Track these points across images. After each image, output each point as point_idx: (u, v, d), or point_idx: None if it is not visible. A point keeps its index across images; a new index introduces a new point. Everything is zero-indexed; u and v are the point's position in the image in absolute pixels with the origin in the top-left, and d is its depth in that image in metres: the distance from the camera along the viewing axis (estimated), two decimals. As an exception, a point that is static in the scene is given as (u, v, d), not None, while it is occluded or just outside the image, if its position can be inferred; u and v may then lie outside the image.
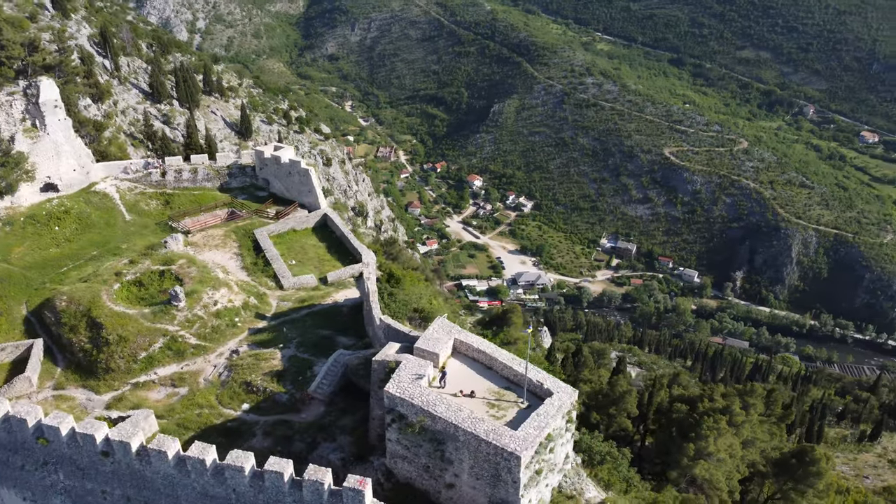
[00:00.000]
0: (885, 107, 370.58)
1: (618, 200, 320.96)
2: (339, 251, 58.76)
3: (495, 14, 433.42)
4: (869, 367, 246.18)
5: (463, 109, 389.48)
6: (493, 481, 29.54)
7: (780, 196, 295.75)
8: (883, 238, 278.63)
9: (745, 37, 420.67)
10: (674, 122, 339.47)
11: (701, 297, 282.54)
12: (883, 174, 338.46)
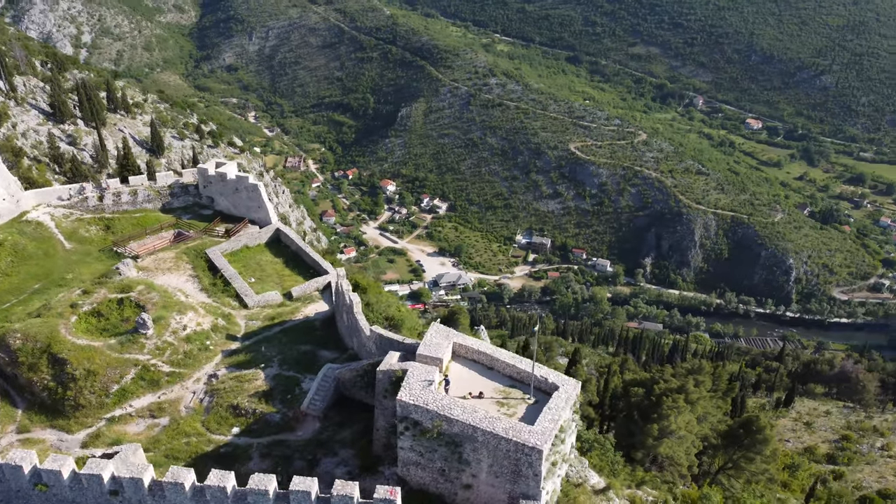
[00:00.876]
0: (765, 95, 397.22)
1: (529, 197, 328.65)
2: (298, 265, 58.08)
3: (395, 19, 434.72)
4: (771, 338, 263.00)
5: (370, 115, 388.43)
6: (514, 477, 30.43)
7: (679, 184, 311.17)
8: (774, 217, 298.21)
9: (635, 34, 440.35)
10: (576, 118, 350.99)
11: (615, 285, 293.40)
12: (769, 158, 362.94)
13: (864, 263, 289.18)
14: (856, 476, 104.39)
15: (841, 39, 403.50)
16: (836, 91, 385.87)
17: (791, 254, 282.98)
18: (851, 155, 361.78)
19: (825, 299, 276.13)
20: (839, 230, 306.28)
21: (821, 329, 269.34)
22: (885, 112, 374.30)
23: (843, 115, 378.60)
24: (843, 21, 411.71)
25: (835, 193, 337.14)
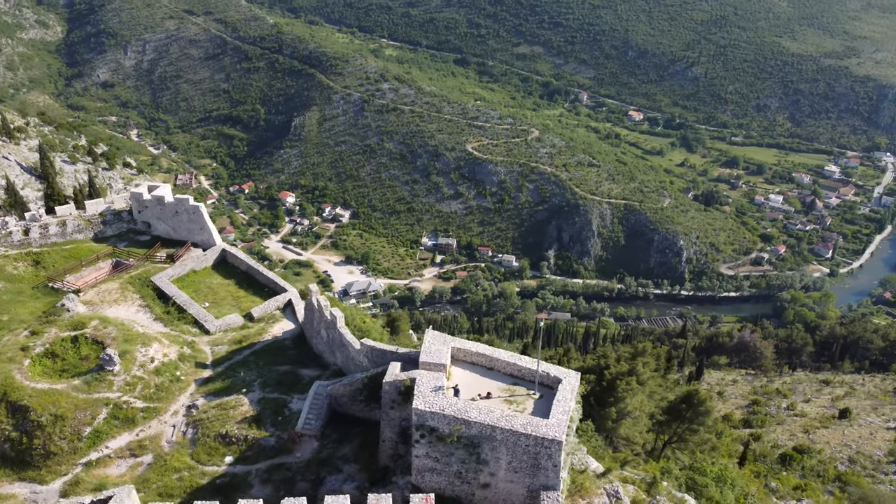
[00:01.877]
0: (643, 88, 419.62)
1: (432, 199, 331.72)
2: (251, 285, 56.76)
3: (280, 27, 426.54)
4: (670, 316, 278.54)
5: (262, 126, 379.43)
6: (533, 471, 31.56)
7: (574, 177, 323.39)
8: (662, 203, 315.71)
9: (518, 34, 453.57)
10: (471, 118, 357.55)
11: (522, 279, 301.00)
12: (652, 147, 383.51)
13: (745, 240, 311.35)
14: (771, 436, 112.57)
15: (706, 33, 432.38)
16: (705, 81, 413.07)
17: (681, 236, 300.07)
18: (724, 140, 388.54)
19: (714, 276, 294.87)
20: (721, 210, 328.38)
21: (713, 304, 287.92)
22: (749, 99, 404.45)
23: (714, 104, 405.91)
24: (706, 16, 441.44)
25: (713, 177, 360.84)
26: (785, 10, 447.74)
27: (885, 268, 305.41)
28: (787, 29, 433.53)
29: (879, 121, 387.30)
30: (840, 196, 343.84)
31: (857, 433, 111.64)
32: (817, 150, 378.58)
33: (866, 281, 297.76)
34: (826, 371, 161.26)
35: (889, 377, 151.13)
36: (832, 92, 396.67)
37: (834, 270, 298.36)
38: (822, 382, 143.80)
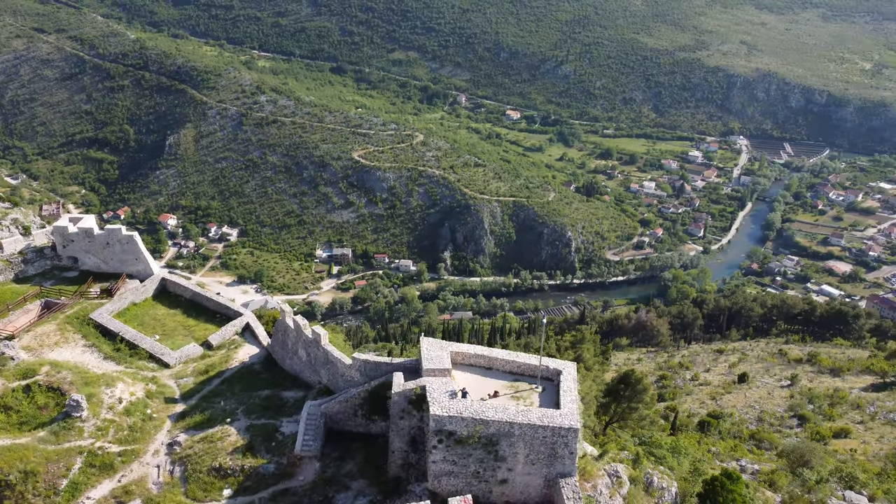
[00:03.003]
0: (518, 87, 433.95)
1: (322, 210, 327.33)
2: (200, 313, 54.54)
3: (143, 43, 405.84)
4: (566, 305, 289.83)
5: (133, 148, 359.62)
6: (550, 461, 32.86)
7: (462, 178, 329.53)
8: (548, 197, 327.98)
9: (392, 40, 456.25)
10: (354, 126, 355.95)
11: (421, 283, 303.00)
12: (531, 144, 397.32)
13: (626, 226, 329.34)
14: (684, 407, 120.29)
15: (571, 32, 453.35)
16: (575, 78, 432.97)
17: (568, 227, 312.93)
18: (597, 133, 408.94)
19: (602, 263, 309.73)
20: (601, 200, 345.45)
21: (603, 289, 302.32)
22: (616, 93, 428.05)
23: (585, 99, 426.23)
24: (570, 16, 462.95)
25: (591, 169, 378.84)
26: (640, 8, 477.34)
27: (749, 241, 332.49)
28: (644, 26, 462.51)
29: (731, 107, 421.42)
30: (705, 179, 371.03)
31: (756, 394, 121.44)
32: (680, 137, 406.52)
33: (735, 255, 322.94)
34: (717, 341, 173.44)
35: (772, 341, 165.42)
36: (688, 83, 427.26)
37: (707, 248, 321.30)
38: (717, 352, 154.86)
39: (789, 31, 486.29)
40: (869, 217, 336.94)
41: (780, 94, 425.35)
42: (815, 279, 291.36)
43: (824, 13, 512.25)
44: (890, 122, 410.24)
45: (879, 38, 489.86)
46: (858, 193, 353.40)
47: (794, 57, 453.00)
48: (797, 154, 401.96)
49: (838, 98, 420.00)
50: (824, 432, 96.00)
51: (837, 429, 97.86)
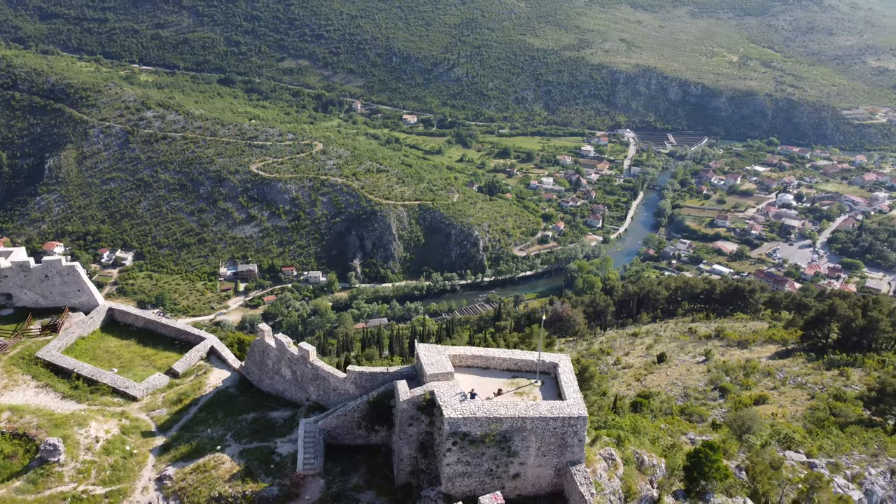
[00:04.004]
0: (413, 91, 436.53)
1: (223, 226, 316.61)
2: (156, 341, 51.79)
3: (9, 60, 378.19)
4: (479, 304, 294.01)
5: (7, 173, 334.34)
6: (560, 450, 33.73)
7: (365, 184, 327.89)
8: (452, 198, 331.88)
9: (281, 49, 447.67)
10: (250, 139, 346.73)
11: (333, 293, 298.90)
12: (431, 147, 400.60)
13: (530, 222, 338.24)
14: (613, 391, 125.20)
15: (460, 35, 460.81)
16: (468, 80, 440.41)
17: (475, 227, 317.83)
18: (494, 133, 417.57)
19: (510, 259, 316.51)
20: (504, 198, 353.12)
21: (513, 285, 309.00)
22: (508, 93, 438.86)
23: (479, 101, 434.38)
24: (458, 20, 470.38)
25: (491, 168, 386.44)
26: (524, 10, 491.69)
27: (644, 228, 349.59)
28: (529, 27, 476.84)
29: (617, 102, 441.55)
30: (598, 171, 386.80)
31: (677, 372, 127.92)
32: (572, 133, 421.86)
33: (632, 242, 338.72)
34: (630, 325, 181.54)
35: (680, 320, 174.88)
36: (576, 80, 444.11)
37: (606, 238, 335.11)
38: (632, 336, 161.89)
39: (663, 28, 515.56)
40: (748, 198, 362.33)
41: (659, 88, 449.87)
42: (706, 259, 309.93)
43: (692, 10, 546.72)
44: (758, 110, 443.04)
45: (742, 33, 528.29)
46: (737, 177, 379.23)
47: (670, 52, 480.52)
48: (679, 143, 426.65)
49: (712, 89, 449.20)
50: (745, 401, 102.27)
51: (756, 396, 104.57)
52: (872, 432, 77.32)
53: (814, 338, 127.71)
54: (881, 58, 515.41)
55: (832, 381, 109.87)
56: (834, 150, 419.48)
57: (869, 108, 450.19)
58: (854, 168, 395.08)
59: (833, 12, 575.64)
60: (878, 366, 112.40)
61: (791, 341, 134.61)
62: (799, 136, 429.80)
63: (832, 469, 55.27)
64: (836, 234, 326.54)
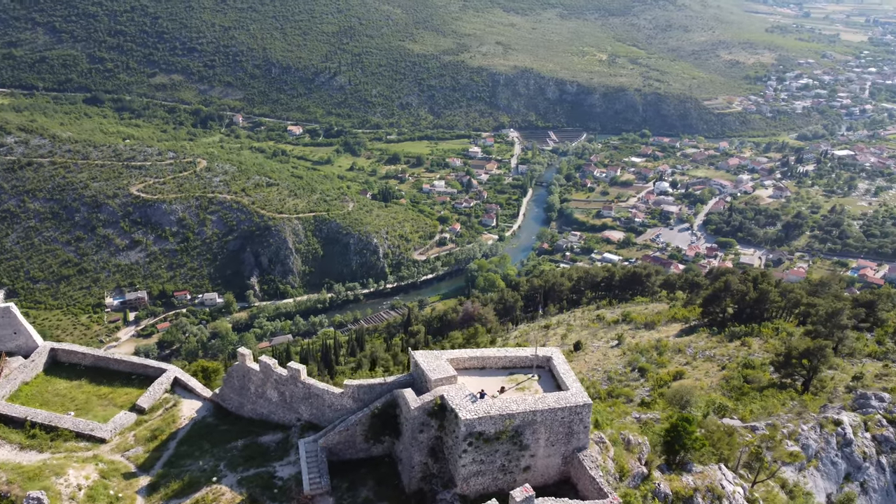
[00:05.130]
0: (296, 102, 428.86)
1: (105, 254, 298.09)
2: (110, 378, 48.42)
3: None
4: (384, 311, 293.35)
5: None
6: (567, 438, 34.80)
7: (256, 199, 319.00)
8: (347, 207, 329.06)
9: (151, 64, 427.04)
10: (126, 160, 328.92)
11: (232, 314, 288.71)
12: (319, 157, 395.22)
13: (427, 225, 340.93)
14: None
15: (339, 43, 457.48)
16: (351, 88, 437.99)
17: (373, 234, 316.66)
18: (381, 140, 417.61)
19: (410, 264, 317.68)
20: (398, 204, 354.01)
21: (416, 289, 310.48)
22: (393, 99, 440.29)
23: (364, 108, 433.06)
24: (336, 28, 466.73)
25: (382, 175, 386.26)
26: (401, 16, 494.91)
27: (536, 223, 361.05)
28: (408, 33, 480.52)
29: (499, 103, 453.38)
30: (487, 172, 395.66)
31: (595, 358, 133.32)
32: (459, 135, 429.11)
33: (527, 238, 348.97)
34: (540, 318, 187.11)
35: (586, 309, 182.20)
36: (458, 84, 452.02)
37: (501, 235, 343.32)
38: (545, 328, 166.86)
39: (535, 30, 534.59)
40: (629, 188, 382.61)
41: (538, 88, 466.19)
42: (597, 249, 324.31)
43: (561, 12, 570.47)
44: (629, 105, 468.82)
45: (608, 32, 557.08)
46: (617, 169, 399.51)
47: (544, 53, 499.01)
48: (561, 140, 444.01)
49: (586, 87, 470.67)
50: (665, 378, 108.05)
51: (674, 372, 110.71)
52: (786, 393, 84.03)
53: (713, 313, 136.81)
54: (732, 51, 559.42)
55: (736, 352, 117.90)
56: (700, 139, 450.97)
57: (726, 97, 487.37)
58: (719, 154, 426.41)
59: (687, 10, 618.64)
60: (773, 333, 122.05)
61: (693, 318, 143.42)
62: (668, 128, 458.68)
63: (771, 430, 59.94)
64: (710, 216, 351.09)
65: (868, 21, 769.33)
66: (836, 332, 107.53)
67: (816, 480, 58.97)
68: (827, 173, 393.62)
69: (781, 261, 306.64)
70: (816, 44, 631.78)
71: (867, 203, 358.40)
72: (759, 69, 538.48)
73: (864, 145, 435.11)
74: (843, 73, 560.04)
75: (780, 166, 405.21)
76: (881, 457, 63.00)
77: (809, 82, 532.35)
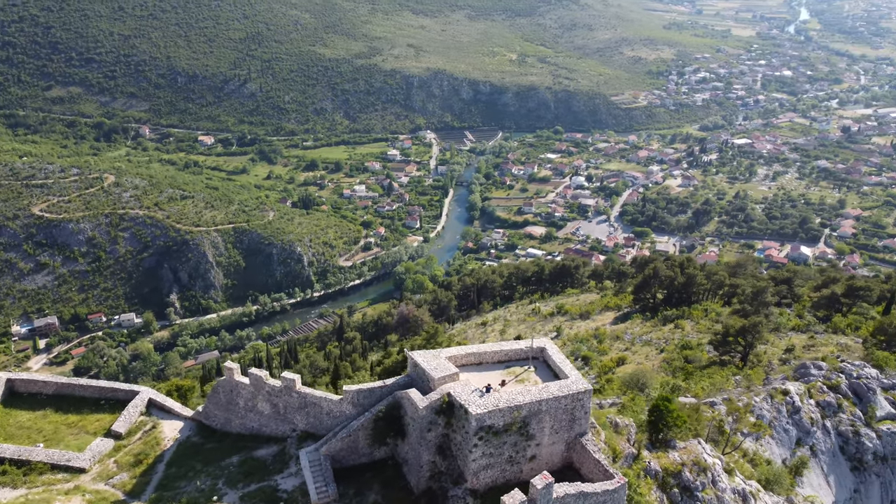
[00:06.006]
0: (205, 111, 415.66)
1: (8, 280, 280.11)
2: (76, 405, 45.54)
3: None
4: (313, 320, 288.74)
5: None
6: (570, 425, 35.44)
7: (171, 213, 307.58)
8: (268, 217, 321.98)
9: (46, 76, 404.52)
10: (25, 178, 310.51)
11: (152, 334, 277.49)
12: (234, 167, 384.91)
13: (350, 230, 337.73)
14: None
15: (248, 50, 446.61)
16: (262, 95, 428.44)
17: (296, 243, 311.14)
18: (298, 146, 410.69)
19: (336, 271, 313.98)
20: (320, 211, 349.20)
21: (344, 296, 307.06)
22: (307, 105, 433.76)
23: (277, 115, 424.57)
24: (242, 34, 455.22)
25: (301, 182, 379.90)
26: (310, 21, 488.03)
27: (459, 223, 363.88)
28: (318, 38, 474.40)
29: (414, 105, 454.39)
30: (407, 174, 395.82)
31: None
32: (376, 139, 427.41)
33: (451, 238, 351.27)
34: (475, 316, 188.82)
35: (519, 304, 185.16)
36: (372, 87, 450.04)
37: (426, 237, 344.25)
38: (482, 325, 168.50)
39: (445, 31, 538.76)
40: (547, 184, 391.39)
41: (452, 89, 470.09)
42: (521, 245, 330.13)
43: (469, 14, 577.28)
44: (542, 103, 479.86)
45: (516, 32, 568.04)
46: (534, 166, 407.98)
47: (456, 54, 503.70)
48: (478, 139, 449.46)
49: (499, 87, 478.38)
50: (610, 364, 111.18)
51: (617, 358, 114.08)
52: (728, 370, 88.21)
53: (644, 300, 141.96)
54: (634, 48, 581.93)
55: (671, 335, 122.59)
56: (610, 133, 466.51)
57: (632, 93, 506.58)
58: (629, 147, 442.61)
59: (590, 10, 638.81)
60: (703, 314, 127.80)
61: (625, 306, 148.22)
62: (579, 123, 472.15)
63: (728, 404, 62.97)
64: (625, 207, 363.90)
65: (755, 17, 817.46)
66: (762, 309, 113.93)
67: (772, 448, 62.30)
68: (729, 161, 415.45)
69: (694, 246, 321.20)
70: (711, 39, 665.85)
71: (767, 188, 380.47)
72: (661, 64, 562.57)
73: (760, 134, 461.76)
74: (736, 66, 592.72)
75: (686, 157, 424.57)
76: (826, 421, 67.23)
77: (707, 76, 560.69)
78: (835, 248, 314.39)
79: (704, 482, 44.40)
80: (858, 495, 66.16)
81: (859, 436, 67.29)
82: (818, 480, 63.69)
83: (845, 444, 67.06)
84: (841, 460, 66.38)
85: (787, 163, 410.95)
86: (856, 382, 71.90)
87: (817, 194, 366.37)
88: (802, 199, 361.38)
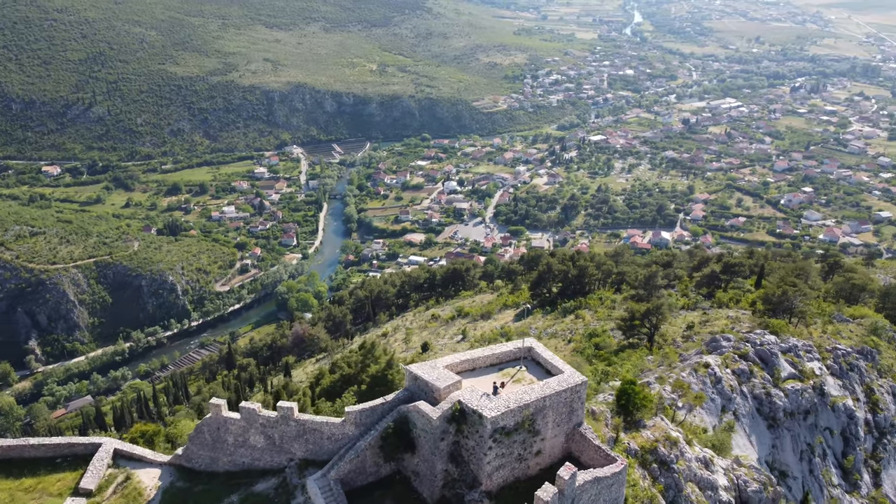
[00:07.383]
0: (47, 139, 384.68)
1: None
2: (28, 468, 41.41)
3: None
4: (194, 351, 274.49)
5: None
6: (569, 416, 36.49)
7: (21, 252, 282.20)
8: (132, 247, 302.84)
9: None
10: None
11: (11, 386, 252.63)
12: (87, 197, 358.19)
13: (224, 254, 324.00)
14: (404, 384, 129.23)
15: (90, 72, 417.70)
16: (111, 119, 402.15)
17: (167, 272, 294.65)
18: (156, 171, 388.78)
19: (214, 297, 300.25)
20: (189, 236, 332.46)
21: (224, 322, 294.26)
22: (162, 126, 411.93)
23: (130, 139, 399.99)
24: (83, 55, 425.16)
25: (164, 208, 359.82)
26: (157, 38, 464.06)
27: (337, 237, 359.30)
28: (167, 55, 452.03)
29: (277, 120, 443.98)
30: (278, 191, 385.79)
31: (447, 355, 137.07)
32: (241, 157, 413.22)
33: (331, 253, 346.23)
34: (372, 328, 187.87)
35: (416, 311, 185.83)
36: (231, 105, 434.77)
37: (305, 254, 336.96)
38: (382, 336, 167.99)
39: (301, 44, 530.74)
40: (420, 191, 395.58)
41: (315, 102, 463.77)
42: (402, 253, 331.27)
43: (325, 26, 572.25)
44: (406, 111, 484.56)
45: (374, 43, 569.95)
46: (406, 174, 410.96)
47: (315, 67, 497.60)
48: (346, 151, 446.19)
49: (362, 97, 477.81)
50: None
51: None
52: (641, 351, 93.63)
53: (541, 295, 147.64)
54: (489, 54, 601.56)
55: (574, 325, 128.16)
56: (475, 137, 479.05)
57: (492, 97, 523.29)
58: (494, 150, 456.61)
59: (443, 18, 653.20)
60: (599, 303, 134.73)
61: (522, 302, 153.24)
62: (445, 129, 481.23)
63: (660, 381, 67.18)
64: (499, 207, 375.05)
65: (595, 20, 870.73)
66: (654, 292, 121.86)
67: (703, 417, 67.11)
68: (588, 157, 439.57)
69: (566, 240, 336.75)
70: (558, 43, 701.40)
71: (625, 180, 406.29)
72: (515, 69, 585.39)
73: (613, 129, 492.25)
74: (584, 67, 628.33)
75: (548, 155, 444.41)
76: (742, 387, 73.29)
77: (559, 78, 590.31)
78: (690, 231, 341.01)
79: (676, 455, 47.34)
80: (776, 449, 72.68)
81: (770, 396, 73.93)
82: (743, 441, 69.30)
83: (760, 406, 73.42)
84: (759, 420, 72.59)
85: (640, 155, 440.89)
86: (760, 349, 78.88)
87: (669, 182, 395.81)
88: (657, 187, 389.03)
